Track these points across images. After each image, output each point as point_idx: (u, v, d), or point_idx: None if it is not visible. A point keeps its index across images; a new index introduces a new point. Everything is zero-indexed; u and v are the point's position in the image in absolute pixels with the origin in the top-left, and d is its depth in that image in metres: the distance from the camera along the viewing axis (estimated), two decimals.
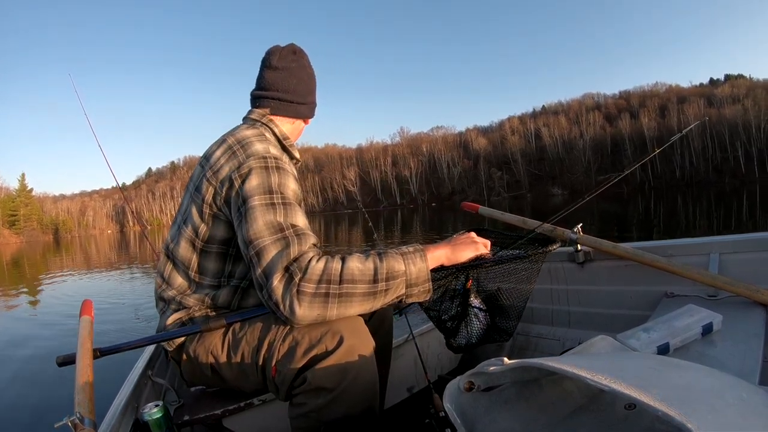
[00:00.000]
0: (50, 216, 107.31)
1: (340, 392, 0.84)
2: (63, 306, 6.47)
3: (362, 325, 0.91)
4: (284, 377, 0.87)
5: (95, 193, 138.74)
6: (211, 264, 1.01)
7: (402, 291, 0.87)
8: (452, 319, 1.12)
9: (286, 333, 0.89)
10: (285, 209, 0.89)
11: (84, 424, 0.74)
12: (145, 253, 17.34)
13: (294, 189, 0.95)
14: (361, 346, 0.87)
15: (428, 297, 0.91)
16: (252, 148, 0.96)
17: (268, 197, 0.89)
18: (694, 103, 75.51)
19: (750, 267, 1.32)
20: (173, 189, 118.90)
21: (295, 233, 0.86)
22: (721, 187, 47.56)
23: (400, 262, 0.87)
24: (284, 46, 1.13)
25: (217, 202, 0.96)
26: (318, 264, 0.82)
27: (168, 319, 1.03)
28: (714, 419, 0.44)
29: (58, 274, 11.86)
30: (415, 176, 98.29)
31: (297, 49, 1.13)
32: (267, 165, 0.93)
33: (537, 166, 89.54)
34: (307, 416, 0.86)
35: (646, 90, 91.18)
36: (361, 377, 0.86)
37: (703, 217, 14.20)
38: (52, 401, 2.73)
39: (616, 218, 12.45)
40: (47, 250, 32.04)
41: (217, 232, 0.98)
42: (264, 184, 0.90)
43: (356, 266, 0.84)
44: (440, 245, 0.96)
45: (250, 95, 1.15)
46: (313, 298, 0.81)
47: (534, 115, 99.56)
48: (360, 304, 0.84)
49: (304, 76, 1.14)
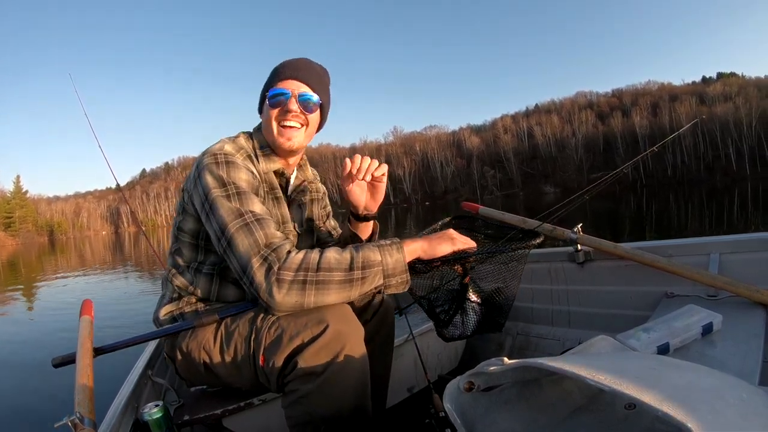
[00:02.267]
0: (45, 218, 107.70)
1: (329, 376, 0.85)
2: (63, 306, 6.46)
3: (349, 311, 0.93)
4: (272, 365, 0.88)
5: (89, 194, 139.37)
6: (185, 250, 1.08)
7: (380, 281, 0.90)
8: (447, 311, 1.13)
9: (272, 322, 0.91)
10: (239, 197, 0.94)
11: (84, 424, 0.74)
12: (141, 253, 17.36)
13: (247, 179, 0.99)
14: (349, 331, 0.89)
15: (406, 288, 0.94)
16: (209, 148, 1.02)
17: (223, 189, 0.95)
18: (686, 102, 76.11)
19: (750, 267, 1.32)
20: (167, 190, 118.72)
21: (255, 218, 0.92)
22: (713, 185, 47.84)
23: (376, 252, 0.90)
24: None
25: (185, 198, 1.05)
26: (298, 254, 0.87)
27: (161, 310, 1.08)
28: (714, 419, 0.44)
29: (56, 275, 11.85)
30: (408, 175, 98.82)
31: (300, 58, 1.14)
32: (217, 161, 0.98)
33: (529, 165, 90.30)
34: (299, 402, 0.87)
35: (638, 88, 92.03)
36: (351, 362, 0.87)
37: (695, 214, 14.24)
38: (52, 401, 2.73)
39: (608, 216, 12.48)
40: (43, 251, 32.03)
41: (187, 223, 1.06)
42: (217, 178, 0.96)
43: (333, 256, 0.88)
44: (417, 239, 0.98)
45: None
46: (291, 285, 0.85)
47: (527, 114, 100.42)
48: (337, 292, 0.87)
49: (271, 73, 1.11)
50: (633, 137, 77.57)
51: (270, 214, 0.98)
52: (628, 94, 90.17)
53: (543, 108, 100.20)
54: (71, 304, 6.23)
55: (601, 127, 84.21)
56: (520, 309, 1.88)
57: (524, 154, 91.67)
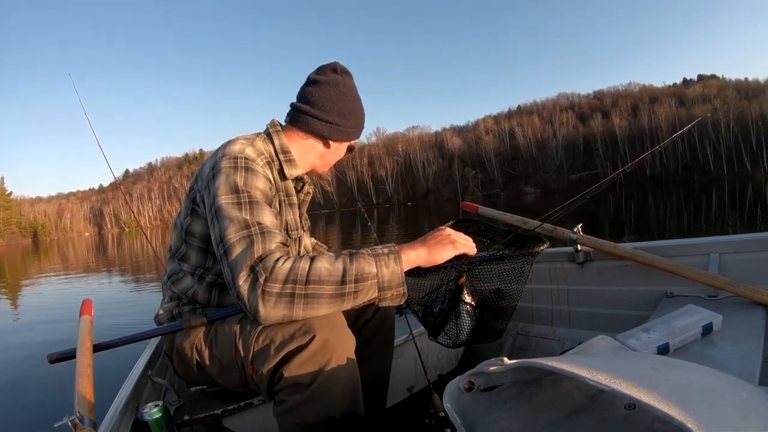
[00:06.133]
0: (29, 219, 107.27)
1: (318, 386, 0.83)
2: (63, 306, 6.47)
3: (338, 320, 0.89)
4: (261, 375, 0.87)
5: (72, 195, 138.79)
6: (192, 255, 1.04)
7: (374, 294, 0.85)
8: (439, 315, 1.07)
9: (259, 331, 0.88)
10: (251, 207, 0.89)
11: (84, 423, 0.75)
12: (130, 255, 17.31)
13: (262, 189, 0.94)
14: (336, 340, 0.85)
15: (402, 301, 0.89)
16: (228, 149, 0.97)
17: (234, 196, 0.90)
18: (665, 104, 77.07)
19: (750, 267, 1.32)
20: (150, 191, 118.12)
21: (260, 231, 0.86)
22: (691, 185, 48.27)
23: (371, 264, 0.84)
24: (330, 62, 1.10)
25: (197, 198, 1.00)
26: (285, 264, 0.81)
27: (161, 309, 1.08)
28: (714, 419, 0.44)
29: (50, 275, 11.86)
30: (390, 176, 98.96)
31: (338, 67, 1.09)
32: (237, 165, 0.93)
33: (510, 165, 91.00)
34: (289, 413, 0.86)
35: (620, 90, 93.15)
36: (339, 371, 0.85)
37: (674, 213, 14.42)
38: (52, 401, 2.73)
39: (589, 216, 12.52)
40: (27, 253, 31.86)
41: (197, 227, 1.01)
42: (231, 183, 0.91)
43: (324, 267, 0.82)
44: (416, 245, 0.92)
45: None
46: (278, 299, 0.80)
47: (509, 115, 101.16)
48: (327, 306, 0.83)
49: (333, 93, 1.06)
50: (613, 138, 78.81)
51: (280, 226, 0.95)
52: (609, 96, 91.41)
53: (525, 109, 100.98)
54: (72, 305, 6.23)
55: (582, 129, 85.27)
56: (520, 309, 1.88)
57: (505, 154, 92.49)
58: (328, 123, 1.07)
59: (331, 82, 1.07)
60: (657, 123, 73.10)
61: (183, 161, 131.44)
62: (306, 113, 1.06)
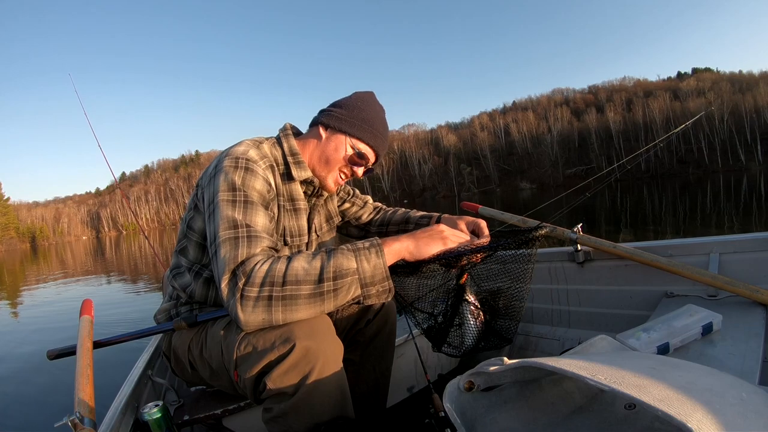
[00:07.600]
0: (26, 224, 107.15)
1: (302, 396, 0.81)
2: (62, 307, 6.46)
3: (322, 326, 0.85)
4: (245, 383, 0.85)
5: (69, 200, 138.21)
6: (191, 249, 1.04)
7: (357, 292, 0.82)
8: (441, 315, 1.03)
9: (242, 337, 0.85)
10: (245, 206, 0.89)
11: (84, 423, 0.74)
12: (129, 258, 17.28)
13: (259, 190, 0.93)
14: (319, 348, 0.82)
15: (390, 297, 0.86)
16: (232, 149, 0.98)
17: (231, 194, 0.90)
18: (660, 98, 76.56)
19: (750, 267, 1.32)
20: (147, 193, 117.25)
21: (248, 233, 0.85)
22: (686, 178, 48.46)
23: (350, 259, 0.82)
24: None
25: (199, 194, 1.01)
26: (262, 267, 0.79)
27: (160, 308, 1.09)
28: (714, 419, 0.44)
29: (49, 279, 11.84)
30: (387, 173, 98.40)
31: (371, 92, 1.14)
32: (237, 165, 0.93)
33: (506, 161, 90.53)
34: (275, 421, 0.84)
35: (615, 84, 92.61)
36: (324, 381, 0.82)
37: (669, 207, 14.38)
38: (52, 401, 2.72)
39: (585, 211, 12.49)
40: (25, 257, 31.80)
41: (197, 221, 1.02)
42: (229, 181, 0.91)
43: (300, 266, 0.80)
44: (401, 238, 0.89)
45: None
46: (256, 303, 0.78)
47: (504, 111, 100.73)
48: (307, 307, 0.80)
49: (359, 103, 1.08)
50: (607, 133, 78.57)
51: (275, 230, 0.94)
52: (603, 91, 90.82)
53: (520, 105, 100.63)
54: (72, 304, 6.22)
55: (576, 123, 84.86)
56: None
57: (501, 151, 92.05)
58: (329, 113, 1.08)
59: (360, 97, 1.11)
60: (651, 117, 72.96)
61: (179, 163, 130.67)
62: (330, 113, 1.09)
